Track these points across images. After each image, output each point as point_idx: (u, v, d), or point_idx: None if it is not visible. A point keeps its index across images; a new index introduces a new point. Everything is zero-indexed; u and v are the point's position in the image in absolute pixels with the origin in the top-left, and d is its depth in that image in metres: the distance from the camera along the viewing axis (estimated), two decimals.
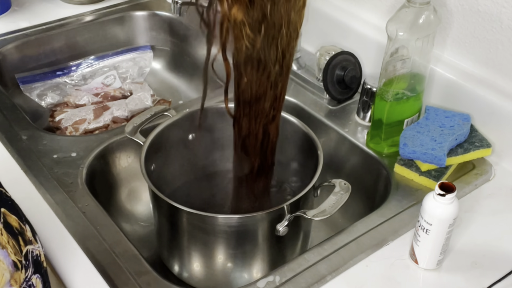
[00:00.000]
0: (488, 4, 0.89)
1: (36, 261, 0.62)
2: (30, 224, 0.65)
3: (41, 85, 1.23)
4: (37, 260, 0.62)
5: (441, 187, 0.71)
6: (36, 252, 0.63)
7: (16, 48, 1.23)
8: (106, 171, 0.99)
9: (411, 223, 0.82)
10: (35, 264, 0.62)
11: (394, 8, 1.02)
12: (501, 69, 0.92)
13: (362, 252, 0.78)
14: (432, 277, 0.76)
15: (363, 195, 0.98)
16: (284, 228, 0.76)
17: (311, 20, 1.18)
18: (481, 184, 0.91)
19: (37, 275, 0.62)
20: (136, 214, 1.03)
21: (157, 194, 0.76)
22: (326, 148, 0.96)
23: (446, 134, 0.90)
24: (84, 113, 1.16)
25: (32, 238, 0.63)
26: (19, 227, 0.61)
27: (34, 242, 0.63)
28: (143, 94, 1.23)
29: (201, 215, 0.75)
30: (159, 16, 1.37)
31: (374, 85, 0.97)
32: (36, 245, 0.63)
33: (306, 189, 0.77)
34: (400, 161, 0.91)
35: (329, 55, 1.05)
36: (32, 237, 0.63)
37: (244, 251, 0.80)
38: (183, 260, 0.85)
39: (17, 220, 0.61)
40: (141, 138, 0.88)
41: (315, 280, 0.74)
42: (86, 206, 0.84)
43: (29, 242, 0.62)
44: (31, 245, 0.62)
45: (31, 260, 0.61)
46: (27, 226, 0.63)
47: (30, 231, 0.63)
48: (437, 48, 0.98)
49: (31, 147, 0.95)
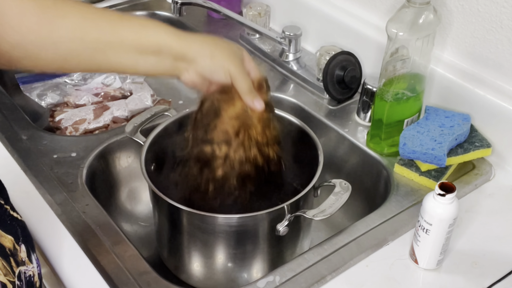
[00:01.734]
0: (488, 4, 0.89)
1: (29, 282, 0.62)
2: (29, 244, 0.64)
3: (41, 85, 1.23)
4: (30, 281, 0.62)
5: (441, 187, 0.71)
6: (29, 273, 0.62)
7: None
8: (106, 171, 0.99)
9: (411, 223, 0.82)
10: (28, 285, 0.61)
11: (394, 8, 1.02)
12: (501, 69, 0.92)
13: (362, 252, 0.78)
14: (432, 277, 0.76)
15: (363, 195, 0.98)
16: (284, 228, 0.76)
17: (311, 20, 1.18)
18: (481, 184, 0.91)
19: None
20: (136, 214, 1.03)
21: (157, 194, 0.76)
22: (326, 148, 0.96)
23: (446, 134, 0.90)
24: (84, 113, 1.16)
25: (26, 259, 0.62)
26: (12, 248, 0.60)
27: (28, 262, 0.62)
28: (143, 94, 1.23)
29: (201, 215, 0.75)
30: (159, 16, 1.37)
31: (374, 85, 0.97)
32: (30, 266, 0.62)
33: (306, 189, 0.77)
34: (400, 161, 0.91)
35: (329, 55, 1.05)
36: (26, 257, 0.62)
37: (244, 251, 0.80)
38: (183, 260, 0.85)
39: (12, 240, 0.61)
40: (142, 138, 0.88)
41: (315, 280, 0.74)
42: (86, 206, 0.84)
43: (22, 263, 0.61)
44: (24, 266, 0.61)
45: (24, 281, 0.60)
46: (22, 247, 0.62)
47: (26, 251, 0.62)
48: (437, 48, 0.98)
49: (31, 147, 0.95)
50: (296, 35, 1.13)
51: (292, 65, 1.15)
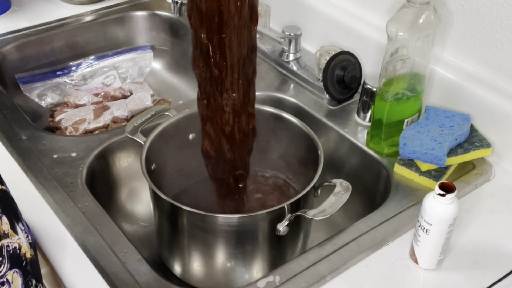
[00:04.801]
0: (488, 4, 0.89)
1: (13, 255, 0.58)
2: (12, 214, 0.60)
3: (41, 85, 1.23)
4: (15, 254, 0.58)
5: (441, 187, 0.71)
6: (14, 245, 0.59)
7: (16, 48, 1.23)
8: (106, 171, 0.99)
9: (411, 223, 0.82)
10: (12, 258, 0.58)
11: (394, 8, 1.02)
12: (501, 69, 0.92)
13: (362, 252, 0.78)
14: (432, 277, 0.76)
15: (363, 195, 0.98)
16: (285, 228, 0.76)
17: (311, 20, 1.18)
18: (481, 184, 0.91)
19: (15, 269, 0.58)
20: (136, 214, 1.03)
21: (157, 194, 0.76)
22: (326, 148, 0.96)
23: (446, 134, 0.90)
24: (84, 113, 1.17)
25: (10, 230, 0.59)
26: None
27: (13, 234, 0.59)
28: (143, 94, 1.23)
29: (201, 215, 0.75)
30: (159, 16, 1.37)
31: (374, 85, 0.97)
32: (15, 238, 0.59)
33: (306, 189, 0.77)
34: (400, 161, 0.91)
35: (329, 55, 1.05)
36: (9, 229, 0.58)
37: (244, 251, 0.80)
38: (183, 260, 0.85)
39: None
40: (142, 138, 0.88)
41: (315, 280, 0.74)
42: (86, 206, 0.84)
43: (5, 236, 0.58)
44: (7, 238, 0.58)
45: (6, 255, 0.57)
46: (4, 219, 0.58)
47: (8, 223, 0.59)
48: (437, 48, 0.98)
49: (31, 147, 0.95)
50: (296, 35, 1.13)
51: (292, 65, 1.15)
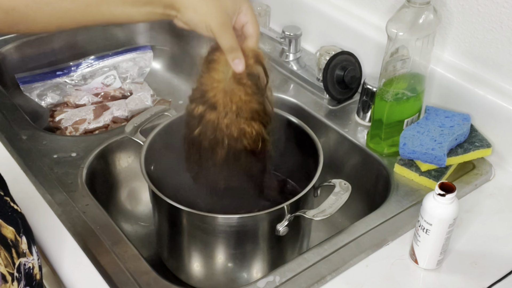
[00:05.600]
0: (488, 4, 0.89)
1: (28, 274, 0.62)
2: (30, 236, 0.64)
3: (41, 85, 1.23)
4: (29, 273, 0.62)
5: (441, 187, 0.71)
6: (29, 264, 0.62)
7: (16, 48, 1.23)
8: (106, 171, 0.99)
9: (411, 223, 0.82)
10: (27, 277, 0.61)
11: (394, 8, 1.02)
12: (501, 69, 0.92)
13: (362, 252, 0.78)
14: (432, 277, 0.76)
15: (363, 195, 0.98)
16: (284, 228, 0.76)
17: (311, 20, 1.18)
18: (481, 184, 0.91)
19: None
20: (136, 214, 1.03)
21: (157, 194, 0.76)
22: (326, 148, 0.96)
23: (446, 134, 0.90)
24: (84, 113, 1.17)
25: (27, 250, 0.62)
26: (14, 239, 0.60)
27: (29, 254, 0.62)
28: (143, 94, 1.23)
29: (201, 215, 0.75)
30: None
31: (374, 85, 0.97)
32: (30, 258, 0.62)
33: (306, 189, 0.77)
34: (400, 161, 0.91)
35: (329, 55, 1.05)
36: (27, 249, 0.62)
37: (244, 251, 0.80)
38: (183, 260, 0.85)
39: (13, 231, 0.61)
40: (141, 138, 0.88)
41: (315, 280, 0.74)
42: (86, 206, 0.84)
43: (23, 254, 0.61)
44: (25, 257, 0.61)
45: (23, 273, 0.60)
46: (23, 238, 0.62)
47: (26, 243, 0.63)
48: (437, 48, 0.98)
49: (31, 147, 0.95)
50: (296, 35, 1.13)
51: (292, 65, 1.15)
